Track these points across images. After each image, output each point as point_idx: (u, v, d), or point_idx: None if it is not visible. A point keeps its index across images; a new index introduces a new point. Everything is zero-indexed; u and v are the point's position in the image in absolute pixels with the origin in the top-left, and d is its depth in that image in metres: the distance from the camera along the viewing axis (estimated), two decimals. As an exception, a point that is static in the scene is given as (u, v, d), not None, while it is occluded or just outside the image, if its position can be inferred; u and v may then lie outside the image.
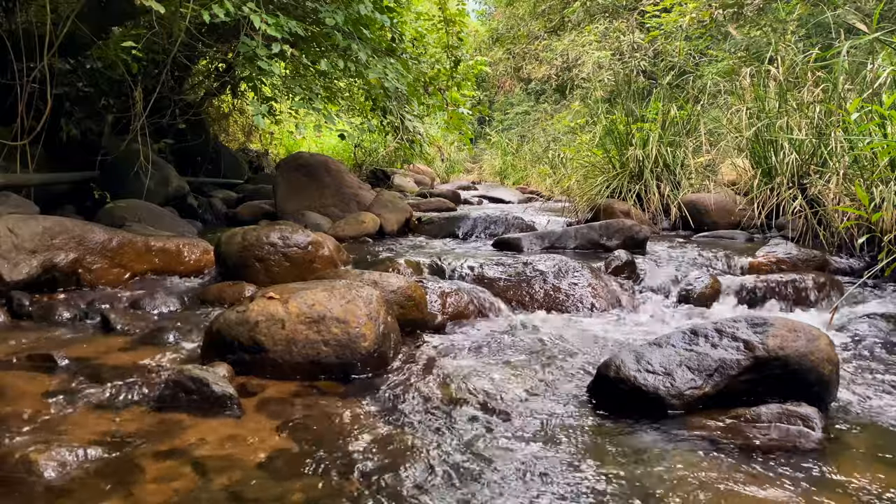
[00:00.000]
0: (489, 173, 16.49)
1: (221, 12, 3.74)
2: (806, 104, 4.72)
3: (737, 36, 7.39)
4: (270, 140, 12.25)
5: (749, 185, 5.12)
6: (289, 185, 5.92)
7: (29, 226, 2.82)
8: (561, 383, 2.01)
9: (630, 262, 3.44)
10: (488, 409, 1.78)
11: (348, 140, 11.33)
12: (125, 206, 4.50)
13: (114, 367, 2.00)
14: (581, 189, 6.34)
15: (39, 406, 1.71)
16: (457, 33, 6.47)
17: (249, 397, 1.83)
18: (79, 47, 4.94)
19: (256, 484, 1.35)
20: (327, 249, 3.21)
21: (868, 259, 3.66)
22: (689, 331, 1.94)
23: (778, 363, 1.79)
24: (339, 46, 4.73)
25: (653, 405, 1.76)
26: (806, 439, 1.61)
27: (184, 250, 3.36)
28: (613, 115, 6.32)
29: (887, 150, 3.46)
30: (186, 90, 7.39)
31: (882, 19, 4.95)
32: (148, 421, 1.65)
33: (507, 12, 16.87)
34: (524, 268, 3.16)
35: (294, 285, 2.24)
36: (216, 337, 2.07)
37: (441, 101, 6.70)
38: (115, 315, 2.52)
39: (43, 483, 1.34)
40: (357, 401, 1.84)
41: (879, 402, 1.90)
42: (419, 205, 7.50)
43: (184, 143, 7.11)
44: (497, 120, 19.16)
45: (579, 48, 11.93)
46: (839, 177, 4.01)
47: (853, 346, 2.46)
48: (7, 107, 4.46)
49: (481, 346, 2.40)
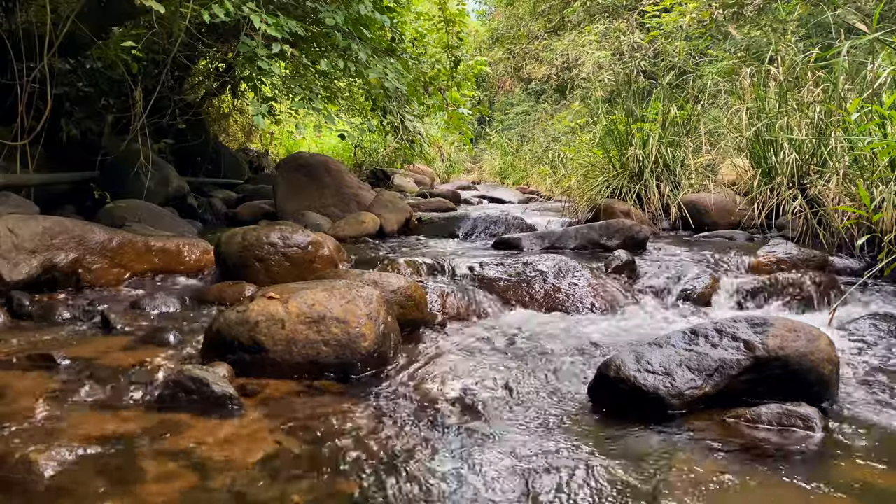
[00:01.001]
0: (489, 173, 16.49)
1: (221, 12, 3.75)
2: (806, 104, 4.71)
3: (737, 36, 7.39)
4: (270, 140, 12.25)
5: (749, 185, 5.12)
6: (289, 185, 5.92)
7: (29, 226, 2.82)
8: (561, 383, 2.01)
9: (630, 262, 3.44)
10: (488, 409, 1.78)
11: (348, 140, 11.33)
12: (125, 206, 4.50)
13: (114, 367, 2.00)
14: (581, 189, 6.34)
15: (39, 406, 1.71)
16: (457, 33, 6.47)
17: (249, 397, 1.83)
18: (79, 47, 4.94)
19: (256, 484, 1.35)
20: (327, 249, 3.21)
21: (868, 259, 3.66)
22: (689, 331, 1.94)
23: (778, 363, 1.79)
24: (339, 46, 4.73)
25: (653, 405, 1.76)
26: (806, 439, 1.62)
27: (184, 250, 3.36)
28: (613, 115, 6.32)
29: (887, 150, 3.46)
30: (186, 90, 7.39)
31: (882, 19, 4.95)
32: (148, 421, 1.65)
33: (507, 12, 16.87)
34: (524, 268, 3.16)
35: (294, 285, 2.24)
36: (216, 337, 2.06)
37: (441, 101, 6.70)
38: (115, 315, 2.52)
39: (43, 483, 1.34)
40: (357, 401, 1.84)
41: (879, 402, 1.90)
42: (419, 205, 7.50)
43: (184, 143, 7.11)
44: (497, 120, 19.16)
45: (579, 48, 11.93)
46: (839, 177, 4.01)
47: (853, 346, 2.46)
48: (7, 107, 4.46)
49: (481, 346, 2.40)
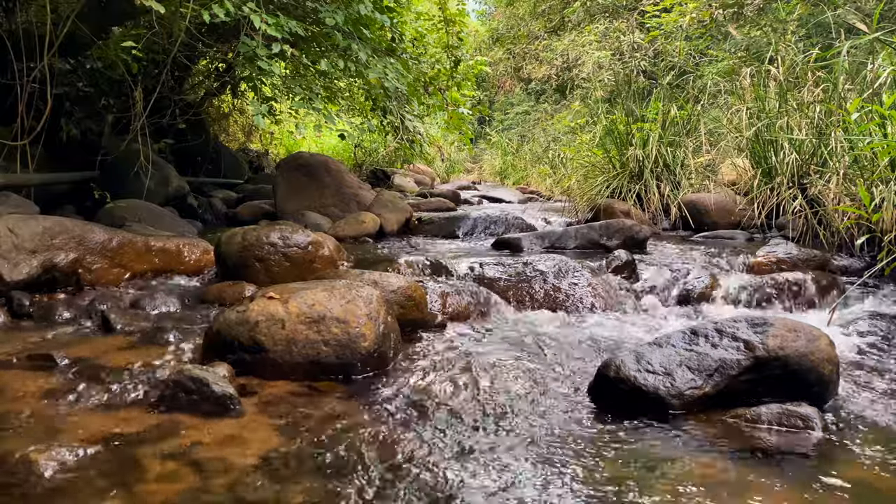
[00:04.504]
0: (489, 173, 16.50)
1: (221, 12, 3.74)
2: (806, 104, 4.71)
3: (737, 36, 7.38)
4: (270, 140, 12.25)
5: (749, 185, 5.12)
6: (289, 185, 5.92)
7: (29, 226, 2.82)
8: (561, 383, 2.01)
9: (630, 261, 3.44)
10: (488, 409, 1.78)
11: (348, 140, 11.33)
12: (125, 206, 4.50)
13: (114, 367, 2.00)
14: (581, 189, 6.34)
15: (39, 406, 1.71)
16: (457, 33, 6.47)
17: (249, 397, 1.83)
18: (79, 47, 4.94)
19: (257, 484, 1.35)
20: (327, 249, 3.21)
21: (868, 259, 3.66)
22: (690, 331, 1.94)
23: (778, 363, 1.79)
24: (339, 46, 4.73)
25: (653, 405, 1.76)
26: (806, 439, 1.62)
27: (184, 250, 3.35)
28: (613, 115, 6.33)
29: (887, 150, 3.46)
30: (186, 90, 7.39)
31: (882, 19, 4.95)
32: (148, 421, 1.65)
33: (507, 12, 16.87)
34: (524, 268, 3.16)
35: (294, 285, 2.24)
36: (216, 337, 2.06)
37: (441, 101, 6.69)
38: (115, 315, 2.52)
39: (43, 483, 1.34)
40: (357, 401, 1.84)
41: (880, 402, 1.90)
42: (419, 205, 7.50)
43: (184, 143, 7.11)
44: (497, 120, 19.16)
45: (579, 48, 11.92)
46: (839, 177, 4.01)
47: (853, 345, 2.46)
48: (7, 107, 4.46)
49: (481, 346, 2.40)
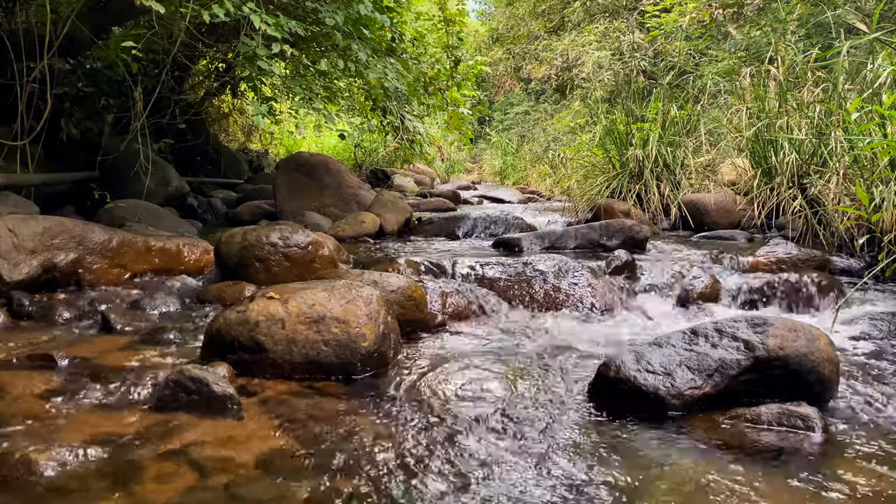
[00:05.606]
0: (489, 173, 16.50)
1: (221, 12, 3.75)
2: (806, 104, 4.71)
3: (737, 36, 7.39)
4: (270, 140, 12.26)
5: (749, 185, 5.12)
6: (289, 185, 5.92)
7: (29, 226, 2.82)
8: (561, 383, 2.01)
9: (630, 261, 3.44)
10: (488, 410, 1.78)
11: (348, 140, 11.35)
12: (125, 206, 4.50)
13: (114, 367, 2.00)
14: (581, 189, 6.34)
15: (39, 406, 1.71)
16: (457, 33, 6.48)
17: (250, 397, 1.83)
18: (79, 47, 4.94)
19: (256, 484, 1.35)
20: (327, 249, 3.21)
21: (868, 259, 3.66)
22: (689, 331, 1.94)
23: (778, 363, 1.79)
24: (339, 46, 4.74)
25: (653, 405, 1.76)
26: (806, 440, 1.62)
27: (184, 250, 3.36)
28: (613, 115, 6.33)
29: (887, 150, 3.46)
30: (186, 90, 7.39)
31: (882, 19, 4.95)
32: (148, 421, 1.65)
33: (507, 12, 16.87)
34: (524, 268, 3.16)
35: (294, 285, 2.24)
36: (216, 337, 2.06)
37: (441, 101, 6.70)
38: (115, 315, 2.52)
39: (43, 483, 1.34)
40: (357, 401, 1.84)
41: (879, 402, 1.89)
42: (419, 205, 7.50)
43: (184, 143, 7.11)
44: (497, 120, 19.17)
45: (579, 48, 11.93)
46: (839, 177, 4.01)
47: (853, 346, 2.46)
48: (7, 107, 4.46)
49: (481, 346, 2.40)
